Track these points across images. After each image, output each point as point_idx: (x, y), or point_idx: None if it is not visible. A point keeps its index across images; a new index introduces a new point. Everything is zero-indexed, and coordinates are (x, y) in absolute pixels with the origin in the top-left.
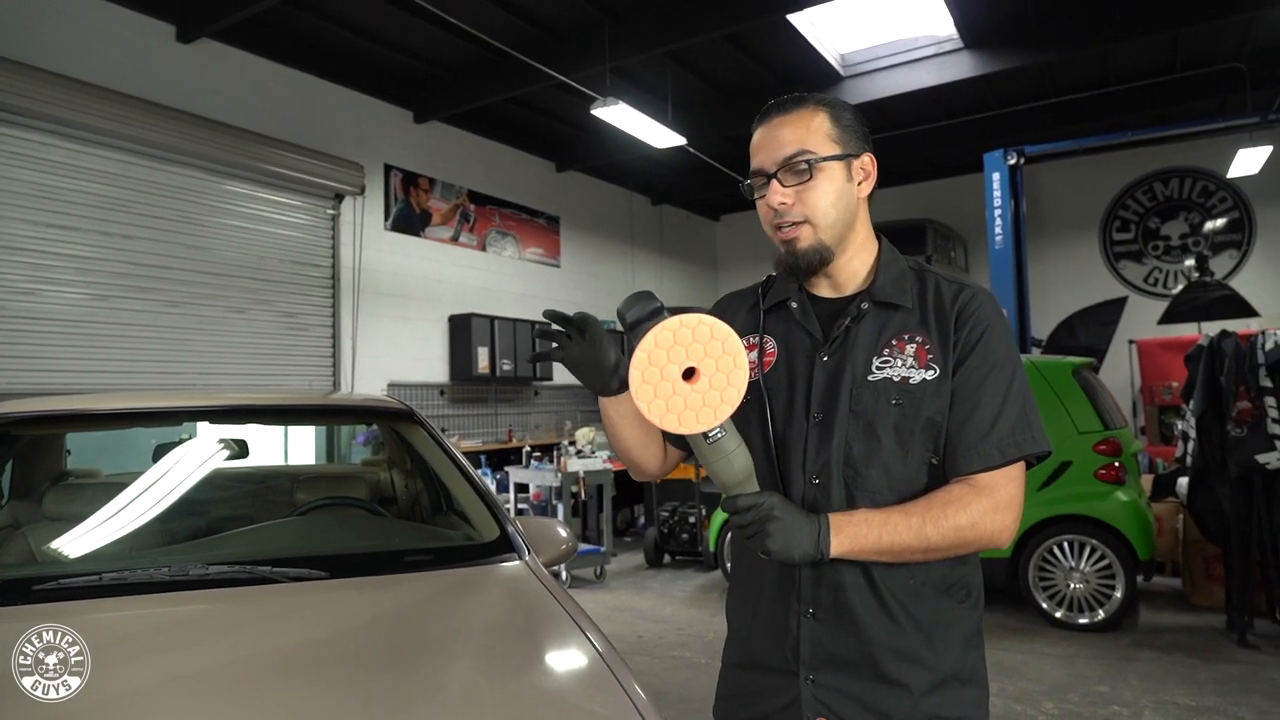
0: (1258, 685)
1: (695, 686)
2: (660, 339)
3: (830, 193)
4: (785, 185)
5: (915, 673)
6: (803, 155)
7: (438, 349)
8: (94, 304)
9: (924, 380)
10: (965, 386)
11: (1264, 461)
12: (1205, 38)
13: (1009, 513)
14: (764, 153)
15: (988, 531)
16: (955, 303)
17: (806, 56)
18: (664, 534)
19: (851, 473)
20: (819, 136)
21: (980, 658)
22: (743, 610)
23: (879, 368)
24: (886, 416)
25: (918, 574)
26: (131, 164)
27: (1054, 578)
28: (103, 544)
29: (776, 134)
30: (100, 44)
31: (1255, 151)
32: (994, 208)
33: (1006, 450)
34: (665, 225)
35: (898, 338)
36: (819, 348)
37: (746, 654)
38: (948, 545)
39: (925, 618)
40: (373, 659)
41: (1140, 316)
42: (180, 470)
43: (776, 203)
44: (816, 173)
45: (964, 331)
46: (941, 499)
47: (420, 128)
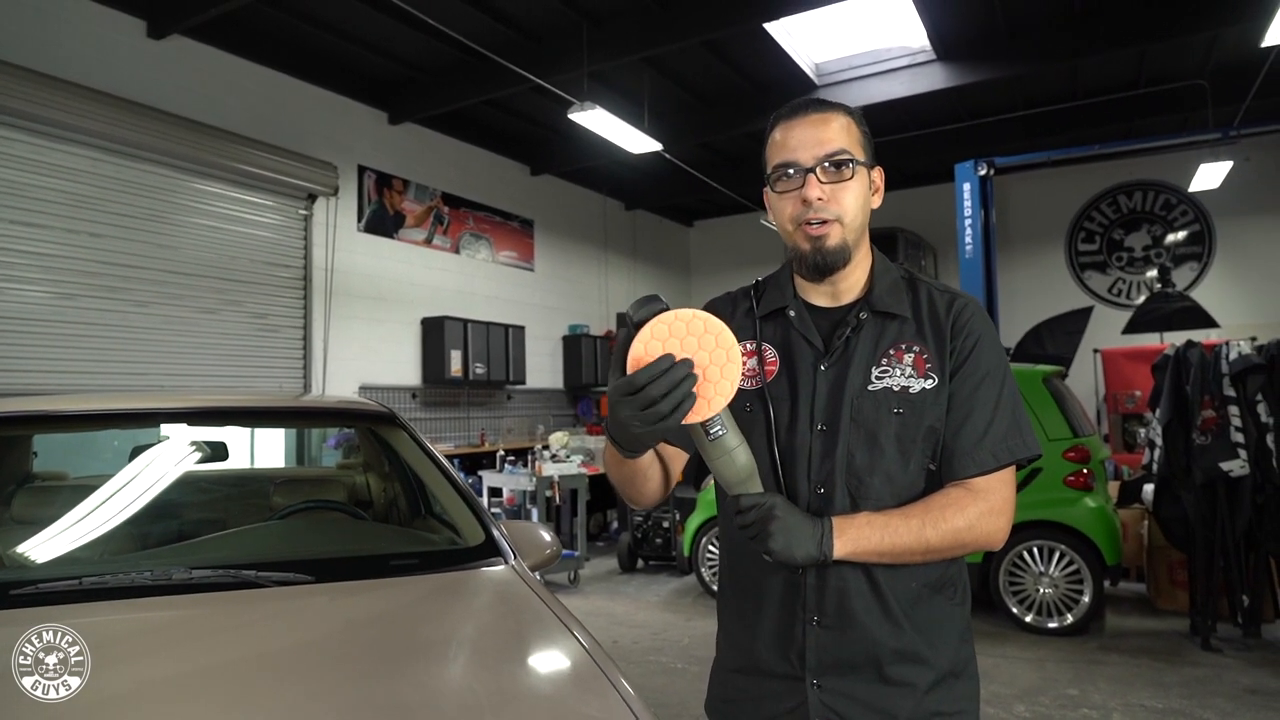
0: (1222, 688)
1: (672, 691)
2: (656, 331)
3: (860, 196)
4: (824, 181)
5: (918, 672)
6: (845, 154)
7: (410, 351)
8: (60, 303)
9: (924, 389)
10: (959, 394)
11: (1227, 469)
12: (1169, 55)
13: (1003, 515)
14: (801, 148)
15: (984, 533)
16: (949, 312)
17: (782, 65)
18: (637, 539)
19: (855, 481)
20: (852, 141)
21: (971, 652)
22: (741, 617)
23: (878, 377)
24: (888, 426)
25: (918, 576)
26: (100, 161)
27: (1024, 582)
28: (75, 548)
29: (816, 131)
30: (69, 38)
31: (1216, 166)
32: (964, 217)
33: (1000, 455)
34: (639, 230)
35: (895, 347)
36: (820, 358)
37: (747, 659)
38: (946, 547)
39: (924, 619)
40: (365, 664)
41: (1105, 326)
42: (154, 472)
43: (814, 196)
44: (854, 174)
45: (958, 340)
46: (939, 502)
47: (395, 129)
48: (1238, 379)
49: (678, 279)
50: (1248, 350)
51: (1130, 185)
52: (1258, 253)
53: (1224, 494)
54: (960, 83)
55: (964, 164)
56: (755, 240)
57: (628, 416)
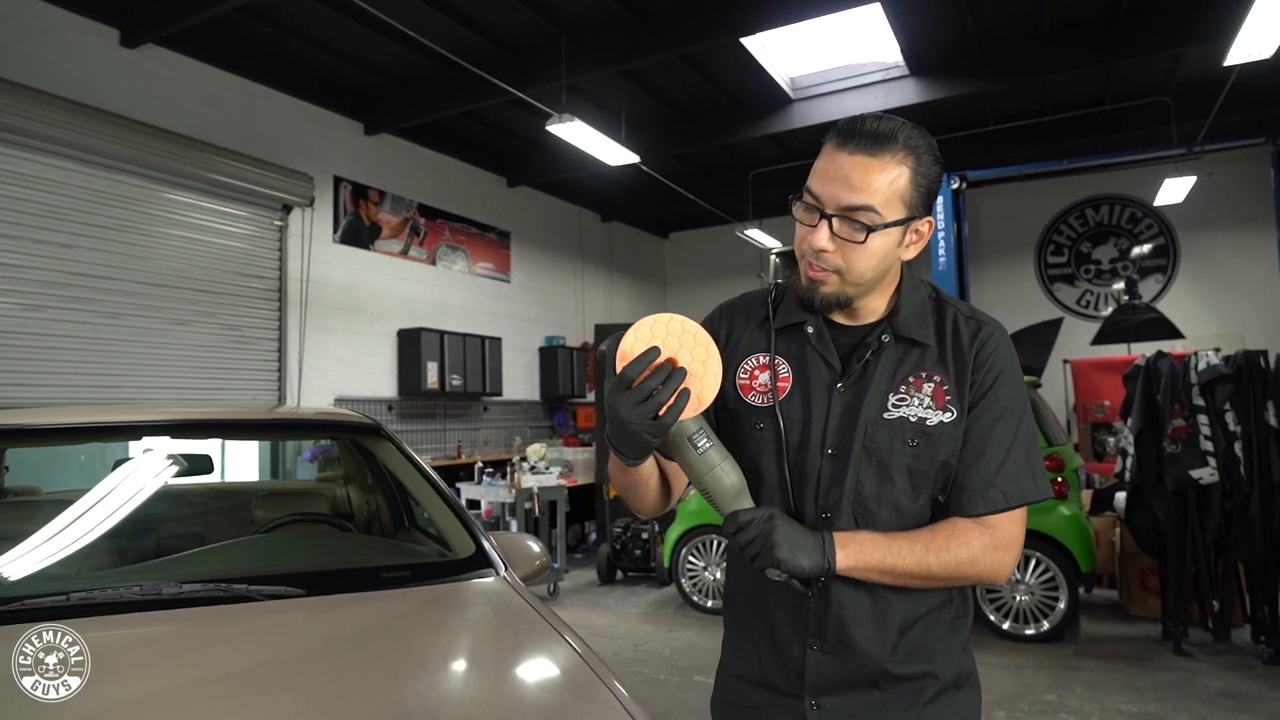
0: (1194, 692)
1: (655, 703)
2: (639, 334)
3: (875, 256)
4: (836, 234)
5: (918, 685)
6: (867, 213)
7: (386, 363)
8: (28, 314)
9: (941, 423)
10: (975, 429)
11: (1197, 476)
12: (1135, 73)
13: (1009, 552)
14: (828, 184)
15: (986, 568)
16: (974, 342)
17: (758, 79)
18: (616, 550)
19: (862, 510)
20: (891, 195)
21: (972, 661)
22: (746, 630)
23: (895, 405)
24: (901, 457)
25: (923, 602)
26: (70, 170)
27: (1001, 590)
28: (52, 563)
29: (851, 173)
30: (40, 47)
31: (1180, 181)
32: (938, 230)
33: (1010, 496)
34: (615, 242)
35: (915, 375)
36: (837, 379)
37: (751, 670)
38: (947, 576)
39: (924, 637)
40: (365, 676)
41: (1074, 337)
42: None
43: (819, 246)
44: (871, 237)
45: (980, 374)
46: (946, 531)
47: (371, 140)
48: (1206, 388)
49: (653, 291)
50: (1216, 361)
51: (1097, 199)
52: (1220, 265)
53: (1194, 501)
54: (932, 98)
55: None
56: (731, 253)
57: (627, 413)
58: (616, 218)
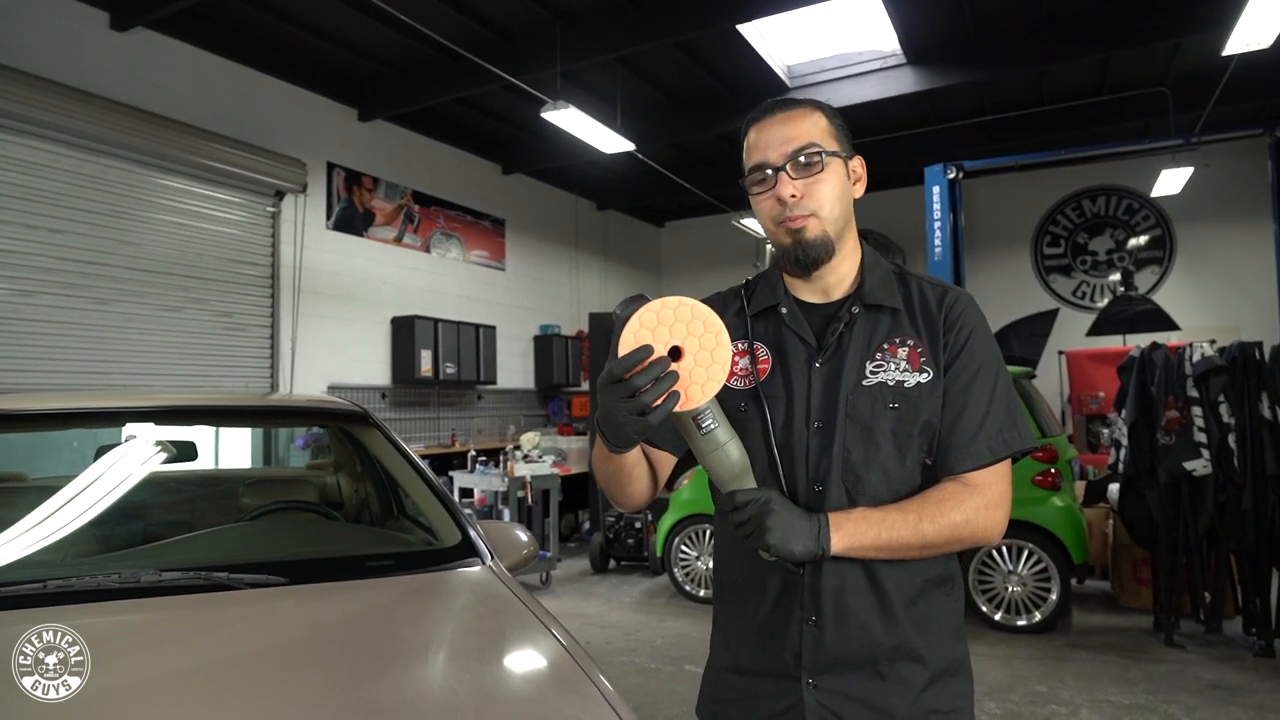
0: (1185, 683)
1: (646, 692)
2: (644, 319)
3: (836, 187)
4: (795, 178)
5: (914, 670)
6: (813, 148)
7: (379, 351)
8: (17, 300)
9: (919, 383)
10: (954, 388)
11: (1190, 468)
12: (1133, 62)
13: (1000, 509)
14: (770, 148)
15: (980, 528)
16: (942, 305)
17: (755, 66)
18: (609, 539)
19: (851, 477)
20: (822, 133)
21: (965, 650)
22: (737, 616)
23: (873, 372)
24: (884, 421)
25: (920, 572)
26: (60, 155)
27: (993, 581)
28: (35, 550)
29: (782, 129)
30: (29, 30)
31: (1177, 172)
32: (934, 220)
33: (996, 449)
34: (610, 230)
35: (889, 341)
36: (814, 355)
37: (742, 659)
38: (943, 542)
39: (921, 615)
40: (343, 666)
41: (1069, 328)
42: (118, 473)
43: (787, 194)
44: (825, 167)
45: (952, 334)
46: (936, 496)
47: (365, 126)
48: (1201, 380)
49: (649, 279)
50: (1210, 352)
51: (1094, 190)
52: (1216, 257)
53: (1187, 493)
54: (929, 86)
55: (933, 167)
56: (726, 241)
57: (614, 405)
58: (612, 206)
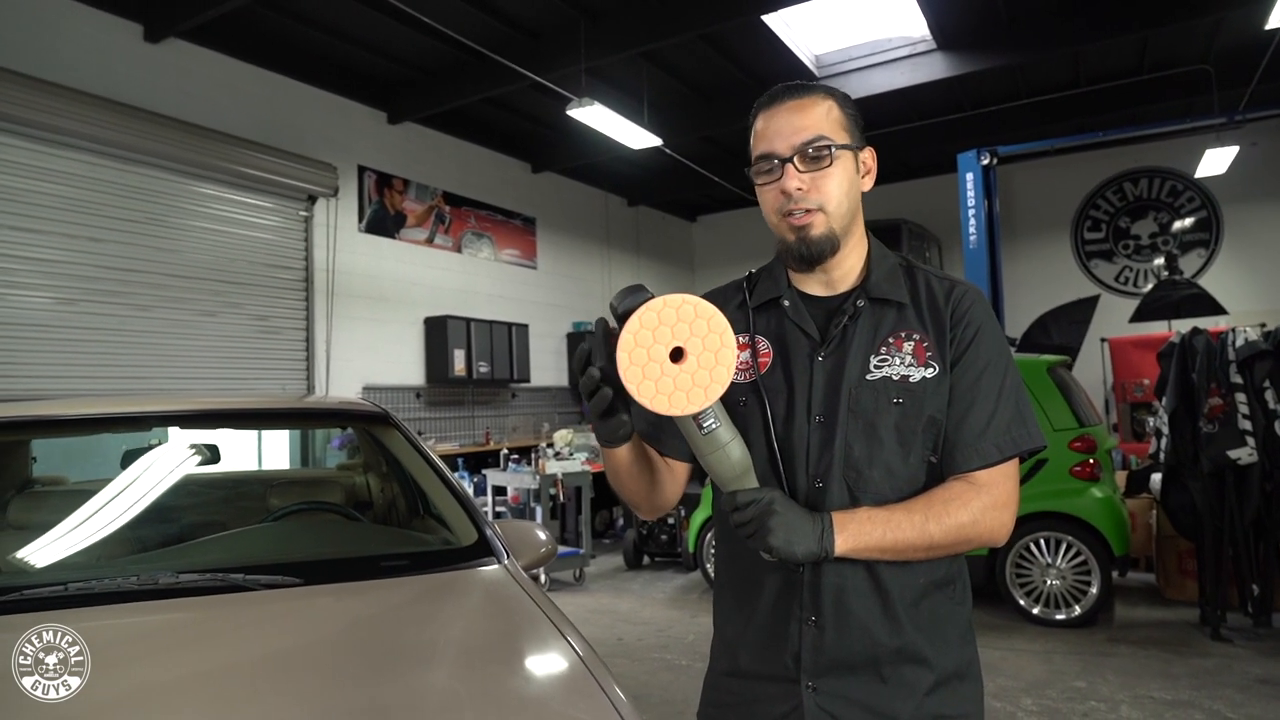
0: (1231, 678)
1: (677, 688)
2: (645, 319)
3: (844, 182)
4: (802, 170)
5: (919, 673)
6: (822, 141)
7: (413, 351)
8: (61, 308)
9: (924, 378)
10: (961, 384)
11: (1235, 457)
12: (1173, 40)
13: (1007, 510)
14: (778, 137)
15: (987, 529)
16: (949, 300)
17: (781, 57)
18: (643, 535)
19: (853, 474)
20: (833, 124)
21: (974, 652)
22: (736, 617)
23: (877, 366)
24: (887, 416)
25: (923, 573)
26: (98, 165)
27: (1031, 574)
28: (70, 553)
29: (791, 118)
30: (66, 44)
31: (1222, 152)
32: (968, 208)
33: (1004, 447)
34: (641, 226)
35: (894, 335)
36: (816, 348)
37: (741, 662)
38: (949, 542)
39: (926, 617)
40: (349, 667)
41: (1112, 315)
42: (150, 477)
43: (793, 188)
44: (834, 160)
45: (959, 329)
46: (942, 496)
47: (394, 129)
48: (1244, 366)
49: (682, 274)
50: (1255, 337)
51: (1136, 172)
52: (1265, 238)
53: (1232, 482)
54: (961, 72)
55: (966, 154)
56: (759, 234)
57: (592, 407)
58: (643, 202)
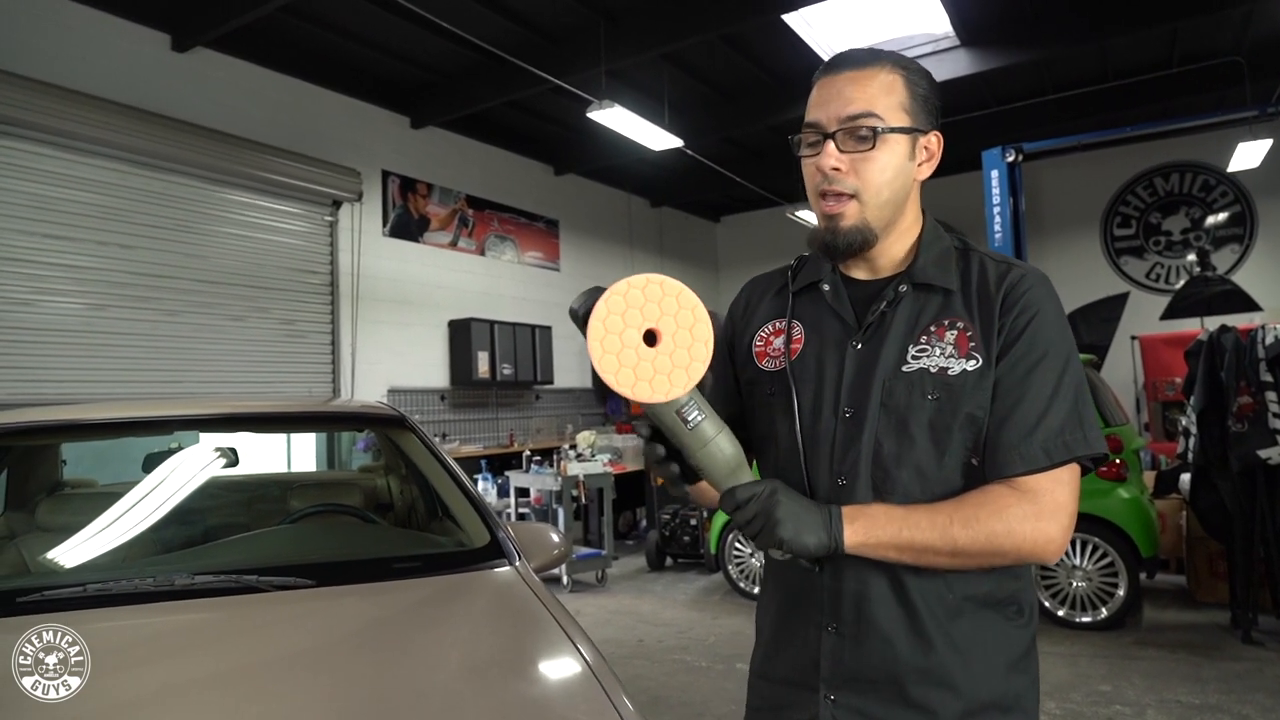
0: (1262, 682)
1: (695, 690)
2: (611, 304)
3: (889, 169)
4: (842, 149)
5: (944, 698)
6: (869, 119)
7: (438, 354)
8: (91, 314)
9: (964, 371)
10: (1010, 378)
11: (1265, 456)
12: (1203, 31)
13: (1054, 521)
14: (825, 107)
15: (1027, 541)
16: (1002, 284)
17: (802, 56)
18: (665, 537)
19: (880, 474)
20: (890, 102)
21: (1029, 683)
22: (765, 617)
23: (915, 357)
24: (921, 412)
25: (957, 588)
26: (128, 173)
27: (1056, 576)
28: (94, 554)
29: (844, 89)
30: (95, 54)
31: (1255, 145)
32: (993, 205)
33: (1053, 452)
34: (665, 227)
35: (937, 323)
36: (851, 334)
37: (769, 664)
38: (978, 552)
39: (964, 637)
40: (356, 668)
41: (1143, 312)
42: (174, 480)
43: (829, 166)
44: (880, 143)
45: (1010, 316)
46: (975, 499)
47: (417, 133)
48: (1274, 364)
49: (706, 275)
50: None
51: (1167, 167)
52: None
53: (1263, 482)
54: (985, 68)
55: (991, 151)
56: (783, 233)
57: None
58: (666, 203)
